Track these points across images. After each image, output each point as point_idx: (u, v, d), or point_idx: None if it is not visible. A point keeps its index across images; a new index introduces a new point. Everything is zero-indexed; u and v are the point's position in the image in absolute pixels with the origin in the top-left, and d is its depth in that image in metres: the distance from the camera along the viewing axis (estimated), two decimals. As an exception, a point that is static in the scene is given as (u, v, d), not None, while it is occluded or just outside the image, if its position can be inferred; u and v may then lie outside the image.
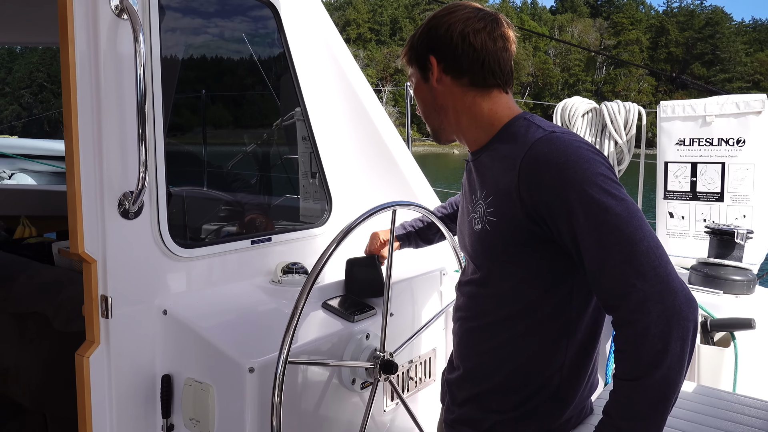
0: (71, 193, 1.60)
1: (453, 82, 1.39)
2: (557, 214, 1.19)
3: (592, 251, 1.15)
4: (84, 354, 1.66)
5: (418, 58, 1.43)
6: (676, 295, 1.10)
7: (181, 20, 2.02)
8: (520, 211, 1.25)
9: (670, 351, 1.08)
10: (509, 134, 1.34)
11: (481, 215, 1.35)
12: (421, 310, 2.22)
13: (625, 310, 1.12)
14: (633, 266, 1.11)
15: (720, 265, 2.68)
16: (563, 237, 1.21)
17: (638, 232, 1.13)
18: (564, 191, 1.17)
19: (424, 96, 1.45)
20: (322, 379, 1.82)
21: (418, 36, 1.43)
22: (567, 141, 1.22)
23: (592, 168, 1.18)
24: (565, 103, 3.79)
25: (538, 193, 1.21)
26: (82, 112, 1.58)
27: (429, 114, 1.47)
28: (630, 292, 1.10)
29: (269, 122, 2.65)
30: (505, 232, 1.29)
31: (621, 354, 1.15)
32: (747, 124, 3.05)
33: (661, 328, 1.08)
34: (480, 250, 1.37)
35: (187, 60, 2.17)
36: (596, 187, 1.16)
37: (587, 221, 1.15)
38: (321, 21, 2.43)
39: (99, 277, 1.65)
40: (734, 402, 1.76)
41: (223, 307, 1.85)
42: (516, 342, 1.35)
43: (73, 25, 1.55)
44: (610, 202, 1.14)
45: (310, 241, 2.32)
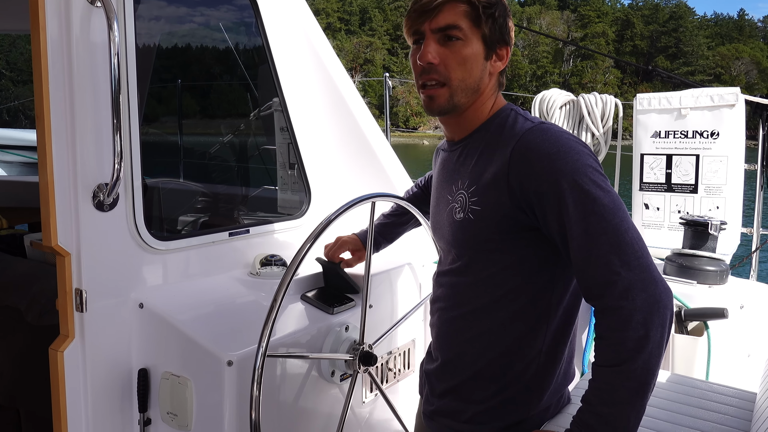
0: (44, 185, 1.56)
1: (496, 78, 1.40)
2: (547, 203, 1.21)
3: (579, 240, 1.18)
4: (58, 348, 1.63)
5: (496, 34, 1.34)
6: (657, 284, 1.14)
7: (157, 8, 1.98)
8: (508, 199, 1.26)
9: (651, 337, 1.12)
10: (497, 124, 1.36)
11: (462, 204, 1.35)
12: (399, 302, 2.22)
13: (610, 298, 1.15)
14: (618, 255, 1.14)
15: (694, 255, 2.73)
16: (550, 225, 1.23)
17: (623, 223, 1.17)
18: (555, 180, 1.19)
19: (475, 69, 1.34)
20: (301, 372, 1.82)
21: (502, 13, 1.35)
22: (558, 132, 1.25)
23: (581, 159, 1.21)
24: (543, 95, 3.81)
25: (528, 181, 1.22)
26: (54, 101, 1.54)
27: (467, 88, 1.34)
28: (615, 281, 1.14)
29: (246, 113, 2.62)
30: (490, 221, 1.30)
31: (604, 341, 1.17)
32: (721, 117, 3.10)
33: (644, 315, 1.12)
34: (462, 240, 1.37)
35: (163, 49, 2.13)
36: (586, 177, 1.19)
37: (576, 210, 1.17)
38: (300, 10, 2.41)
39: (73, 270, 1.62)
40: (707, 390, 1.79)
41: (200, 300, 1.83)
42: (496, 330, 1.36)
43: (45, 13, 1.51)
44: (599, 194, 1.17)
45: (289, 232, 2.30)
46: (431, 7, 1.30)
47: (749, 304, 2.61)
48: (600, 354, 1.18)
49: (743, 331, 2.57)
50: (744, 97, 3.10)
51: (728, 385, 1.84)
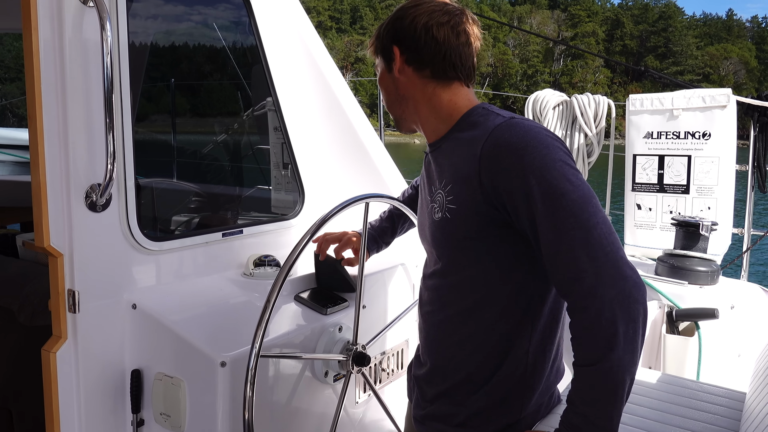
0: (36, 185, 1.56)
1: (415, 74, 1.41)
2: (516, 199, 1.21)
3: (548, 236, 1.18)
4: (51, 350, 1.63)
5: (383, 49, 1.46)
6: (626, 279, 1.13)
7: (150, 8, 1.98)
8: (480, 196, 1.26)
9: (622, 334, 1.11)
10: (468, 123, 1.37)
11: (440, 204, 1.36)
12: (393, 303, 2.22)
13: (578, 295, 1.15)
14: (586, 251, 1.14)
15: (685, 256, 2.75)
16: (522, 221, 1.23)
17: (592, 218, 1.16)
18: (524, 176, 1.19)
19: (387, 86, 1.47)
20: (294, 372, 1.82)
21: (384, 27, 1.45)
22: (527, 126, 1.25)
23: (551, 154, 1.20)
24: (536, 96, 3.83)
25: (498, 177, 1.23)
26: (46, 101, 1.53)
27: (391, 103, 1.49)
28: (583, 277, 1.13)
29: (240, 112, 2.62)
30: (466, 219, 1.30)
31: (576, 340, 1.18)
32: (713, 118, 3.12)
33: (613, 312, 1.11)
34: (441, 239, 1.38)
35: (156, 49, 2.12)
36: (555, 172, 1.18)
37: (544, 206, 1.17)
38: (293, 10, 2.41)
39: (66, 271, 1.62)
40: (697, 390, 1.80)
41: (193, 301, 1.83)
42: (482, 331, 1.37)
43: (37, 12, 1.50)
44: (568, 188, 1.17)
45: (283, 233, 2.30)
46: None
47: (740, 304, 2.63)
48: (576, 353, 1.18)
49: (734, 331, 2.59)
50: (735, 98, 3.12)
51: (718, 385, 1.85)
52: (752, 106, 3.24)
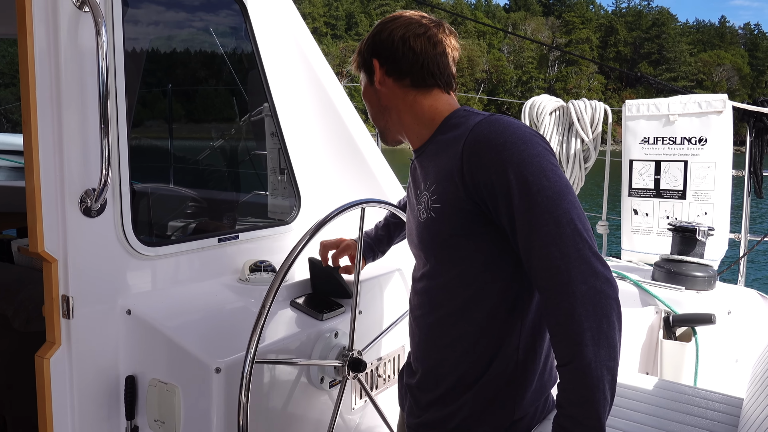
0: (30, 190, 1.55)
1: (395, 84, 1.45)
2: (496, 194, 1.23)
3: (524, 231, 1.19)
4: (44, 356, 1.62)
5: (364, 63, 1.50)
6: (597, 275, 1.14)
7: (146, 13, 1.98)
8: (463, 192, 1.28)
9: (595, 329, 1.12)
10: (450, 125, 1.39)
11: (425, 205, 1.38)
12: (389, 308, 2.21)
13: (551, 291, 1.16)
14: (558, 247, 1.15)
15: (682, 261, 2.75)
16: (501, 217, 1.24)
17: (566, 214, 1.17)
18: (502, 171, 1.20)
19: (371, 98, 1.52)
20: (290, 378, 1.81)
21: (364, 43, 1.51)
22: (506, 122, 1.26)
23: (529, 149, 1.21)
24: (533, 101, 3.83)
25: (478, 173, 1.24)
26: (41, 106, 1.53)
27: (375, 115, 1.53)
28: (555, 273, 1.15)
29: (237, 118, 2.62)
30: (450, 217, 1.31)
31: (554, 338, 1.18)
32: (709, 124, 3.12)
33: (585, 308, 1.12)
34: (428, 239, 1.39)
35: (152, 54, 2.12)
36: (533, 167, 1.19)
37: (521, 202, 1.19)
38: (289, 15, 2.41)
39: (60, 276, 1.61)
40: (694, 396, 1.80)
41: (189, 307, 1.82)
42: (472, 331, 1.37)
43: (32, 17, 1.50)
44: (544, 184, 1.18)
45: (279, 238, 2.30)
46: None
47: (737, 309, 2.63)
48: (555, 353, 1.19)
49: (731, 336, 2.59)
50: (731, 104, 3.12)
51: (715, 391, 1.85)
52: (748, 111, 3.25)
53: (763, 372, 1.72)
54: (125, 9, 1.72)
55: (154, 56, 2.13)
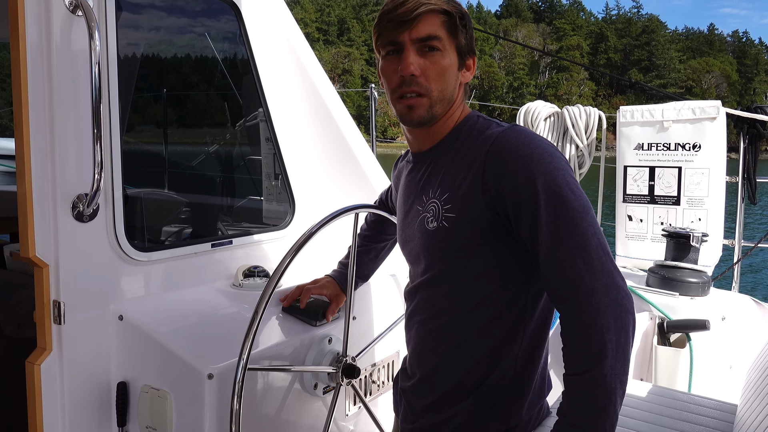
0: (21, 195, 1.54)
1: (463, 88, 1.42)
2: (520, 204, 1.22)
3: (547, 242, 1.20)
4: (35, 362, 1.60)
5: (468, 44, 1.36)
6: (619, 289, 1.17)
7: (140, 18, 1.97)
8: (483, 202, 1.26)
9: (615, 342, 1.14)
10: (464, 131, 1.37)
11: (435, 213, 1.34)
12: (383, 314, 2.21)
13: (574, 302, 1.17)
14: (583, 259, 1.17)
15: (676, 267, 2.75)
16: (522, 227, 1.24)
17: (591, 228, 1.19)
18: (529, 182, 1.21)
19: (452, 80, 1.35)
20: (283, 384, 1.80)
21: (470, 24, 1.37)
22: (531, 135, 1.27)
23: (554, 162, 1.22)
24: (528, 107, 3.84)
25: (503, 182, 1.23)
26: (33, 110, 1.52)
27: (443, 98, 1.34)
28: (579, 284, 1.16)
29: (232, 122, 2.61)
30: (465, 227, 1.30)
31: (569, 348, 1.18)
32: (703, 130, 3.14)
33: (607, 320, 1.14)
34: (436, 248, 1.36)
35: (147, 58, 2.12)
36: (559, 180, 1.21)
37: (547, 212, 1.19)
38: (283, 20, 2.41)
39: (51, 281, 1.60)
40: (688, 402, 1.80)
41: (181, 312, 1.81)
42: (473, 339, 1.36)
43: (24, 21, 1.49)
44: (570, 197, 1.20)
45: (272, 243, 2.29)
46: (410, 17, 1.28)
47: (731, 315, 2.63)
48: (567, 362, 1.19)
49: (725, 342, 2.59)
50: (725, 110, 3.14)
51: (709, 397, 1.85)
52: (741, 118, 3.27)
53: (757, 378, 1.72)
54: (119, 13, 1.72)
55: (148, 61, 2.12)
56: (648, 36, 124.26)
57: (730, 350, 2.61)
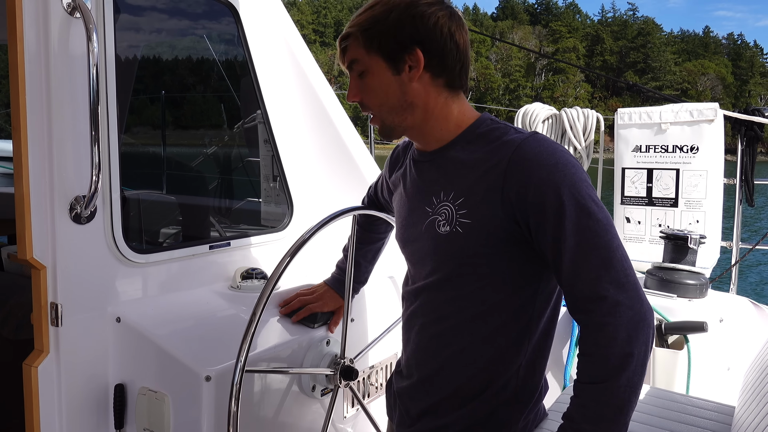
0: (19, 197, 1.54)
1: (430, 81, 1.31)
2: (544, 213, 1.20)
3: (571, 253, 1.18)
4: (32, 364, 1.60)
5: (391, 46, 1.28)
6: (642, 302, 1.17)
7: (138, 20, 1.97)
8: (501, 210, 1.24)
9: (635, 355, 1.14)
10: (478, 134, 1.33)
11: (448, 217, 1.31)
12: (381, 316, 2.21)
13: (597, 314, 1.16)
14: (608, 272, 1.16)
15: (674, 269, 2.75)
16: (544, 236, 1.21)
17: (614, 240, 1.18)
18: (555, 191, 1.19)
19: (389, 90, 1.31)
20: (281, 387, 1.80)
21: (394, 21, 1.27)
22: (554, 144, 1.25)
23: (578, 174, 1.21)
24: (526, 109, 3.84)
25: (526, 191, 1.21)
26: (31, 112, 1.52)
27: (392, 110, 1.33)
28: (605, 297, 1.15)
29: (230, 125, 2.61)
30: (479, 233, 1.27)
31: (588, 357, 1.18)
32: (700, 132, 3.14)
33: (629, 333, 1.14)
34: (447, 252, 1.33)
35: (145, 60, 2.12)
36: (584, 191, 1.20)
37: (571, 223, 1.18)
38: (281, 22, 2.41)
39: (49, 283, 1.60)
40: (687, 404, 1.80)
41: (179, 314, 1.80)
42: (478, 346, 1.34)
43: (22, 22, 1.49)
44: (594, 208, 1.19)
45: (271, 245, 2.29)
46: (340, 50, 1.36)
47: (729, 317, 2.64)
48: (583, 370, 1.18)
49: (723, 344, 2.59)
50: (723, 113, 3.14)
51: (707, 399, 1.85)
52: (739, 120, 3.27)
53: (754, 380, 1.72)
54: (117, 15, 1.72)
55: (146, 62, 2.12)
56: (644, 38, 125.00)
57: (728, 352, 2.62)
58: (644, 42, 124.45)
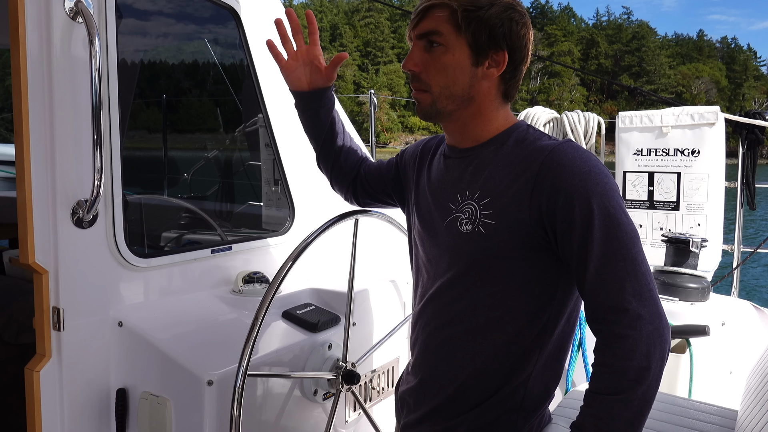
0: (21, 201, 1.54)
1: (497, 84, 1.33)
2: (573, 220, 1.19)
3: (597, 262, 1.17)
4: (34, 368, 1.60)
5: (485, 37, 1.28)
6: (662, 318, 1.16)
7: (140, 24, 1.98)
8: (528, 214, 1.23)
9: (652, 369, 1.13)
10: (513, 138, 1.33)
11: (471, 216, 1.30)
12: (383, 320, 2.20)
13: (619, 325, 1.15)
14: (632, 285, 1.15)
15: (676, 272, 2.75)
16: (570, 244, 1.20)
17: (640, 253, 1.18)
18: (586, 199, 1.18)
19: (460, 76, 1.30)
20: (283, 391, 1.79)
21: (495, 14, 1.27)
22: (587, 152, 1.24)
23: (610, 183, 1.21)
24: (527, 113, 3.84)
25: (557, 196, 1.20)
26: (33, 116, 1.53)
27: (451, 95, 1.31)
28: (628, 309, 1.14)
29: (232, 128, 2.61)
30: (502, 236, 1.26)
31: (605, 368, 1.16)
32: (701, 135, 3.14)
33: (648, 347, 1.13)
34: (466, 252, 1.31)
35: (147, 64, 2.12)
36: (614, 201, 1.19)
37: (601, 233, 1.17)
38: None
39: (51, 288, 1.60)
40: (689, 408, 1.79)
41: (181, 318, 1.80)
42: (489, 351, 1.32)
43: (25, 27, 1.50)
44: (624, 220, 1.18)
45: (272, 249, 2.29)
46: (416, 14, 1.31)
47: (731, 320, 2.63)
48: (598, 381, 1.17)
49: (725, 348, 2.59)
50: (724, 116, 3.14)
51: (710, 403, 1.84)
52: (740, 123, 3.27)
53: (757, 384, 1.72)
54: (119, 20, 1.72)
55: (148, 67, 2.13)
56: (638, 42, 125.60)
57: (730, 356, 2.61)
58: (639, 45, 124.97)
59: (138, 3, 1.94)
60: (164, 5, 2.07)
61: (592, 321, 1.21)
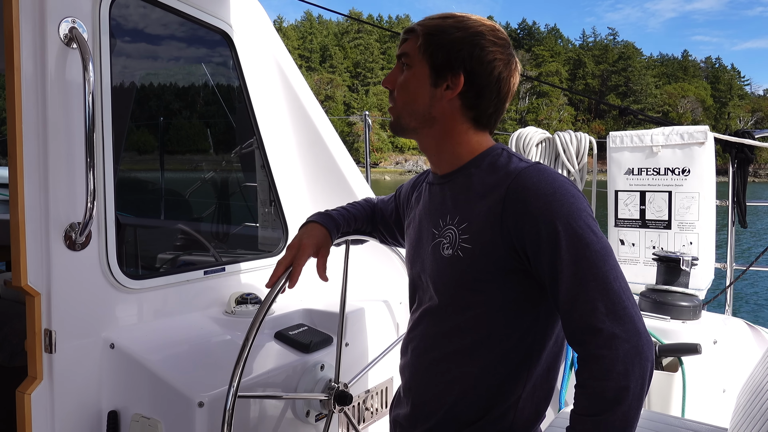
0: (14, 223, 1.55)
1: (460, 109, 1.35)
2: (540, 243, 1.20)
3: (568, 284, 1.17)
4: (25, 391, 1.60)
5: (442, 59, 1.32)
6: (640, 335, 1.14)
7: (134, 49, 2.01)
8: (500, 238, 1.25)
9: (631, 389, 1.12)
10: (487, 162, 1.35)
11: (451, 241, 1.32)
12: (376, 340, 2.21)
13: (593, 345, 1.15)
14: (605, 303, 1.14)
15: (667, 291, 2.76)
16: (541, 267, 1.22)
17: (613, 271, 1.17)
18: (551, 221, 1.19)
19: (420, 95, 1.35)
20: (275, 412, 1.79)
21: (456, 39, 1.32)
22: (553, 174, 1.25)
23: (577, 203, 1.21)
24: (519, 133, 3.88)
25: (523, 220, 1.22)
26: (27, 140, 1.54)
27: (412, 113, 1.37)
28: (601, 329, 1.14)
29: (226, 150, 2.64)
30: (479, 259, 1.28)
31: (583, 389, 1.16)
32: (691, 155, 3.17)
33: (626, 366, 1.12)
34: (448, 276, 1.34)
35: (141, 88, 2.15)
36: (581, 221, 1.19)
37: (569, 254, 1.17)
38: (275, 48, 2.45)
39: (43, 310, 1.60)
40: (682, 427, 1.79)
41: (173, 340, 1.81)
42: (477, 372, 1.33)
43: (20, 53, 1.52)
44: (592, 239, 1.18)
45: (266, 270, 2.29)
46: (401, 39, 1.42)
47: (723, 338, 2.64)
48: (579, 402, 1.17)
49: (717, 366, 2.59)
50: (713, 135, 3.18)
51: (701, 422, 1.84)
52: (729, 142, 3.31)
53: (746, 402, 1.73)
54: (113, 45, 1.75)
55: (142, 90, 2.15)
56: (624, 62, 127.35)
57: (722, 374, 2.61)
58: (625, 66, 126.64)
59: (133, 28, 1.97)
60: (158, 30, 2.10)
61: (570, 342, 1.22)
